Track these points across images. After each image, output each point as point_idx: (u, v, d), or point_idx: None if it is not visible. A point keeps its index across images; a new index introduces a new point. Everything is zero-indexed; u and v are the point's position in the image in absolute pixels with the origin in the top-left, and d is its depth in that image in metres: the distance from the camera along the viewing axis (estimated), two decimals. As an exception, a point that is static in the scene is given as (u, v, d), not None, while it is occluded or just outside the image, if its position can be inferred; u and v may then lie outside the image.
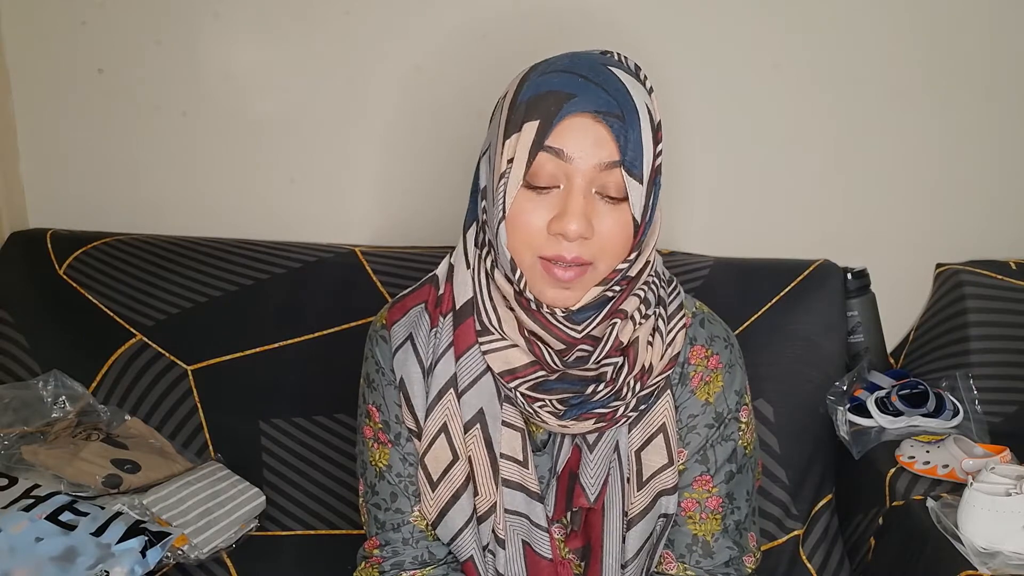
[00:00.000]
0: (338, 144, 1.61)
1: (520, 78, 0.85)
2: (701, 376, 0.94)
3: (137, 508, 1.21)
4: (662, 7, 1.52)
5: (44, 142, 1.66)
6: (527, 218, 0.81)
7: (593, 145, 0.79)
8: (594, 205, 0.81)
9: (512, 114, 0.82)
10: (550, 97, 0.80)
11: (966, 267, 1.55)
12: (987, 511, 1.09)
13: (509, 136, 0.82)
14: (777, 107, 1.57)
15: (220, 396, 1.45)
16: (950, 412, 1.41)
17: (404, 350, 0.94)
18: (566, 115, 0.79)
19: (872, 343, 1.54)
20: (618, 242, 0.82)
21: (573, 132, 0.79)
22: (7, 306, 1.52)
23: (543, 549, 0.93)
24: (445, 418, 0.91)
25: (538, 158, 0.80)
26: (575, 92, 0.79)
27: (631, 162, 0.80)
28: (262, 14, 1.56)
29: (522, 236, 0.82)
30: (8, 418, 1.37)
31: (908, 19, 1.53)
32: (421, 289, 0.96)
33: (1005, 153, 1.59)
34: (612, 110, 0.79)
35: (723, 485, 0.95)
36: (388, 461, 0.96)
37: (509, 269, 0.84)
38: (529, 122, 0.80)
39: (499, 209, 0.82)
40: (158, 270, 1.51)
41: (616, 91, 0.80)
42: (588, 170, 0.80)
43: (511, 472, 0.91)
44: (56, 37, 1.60)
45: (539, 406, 0.88)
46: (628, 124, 0.80)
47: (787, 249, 1.53)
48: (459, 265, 0.91)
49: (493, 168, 0.84)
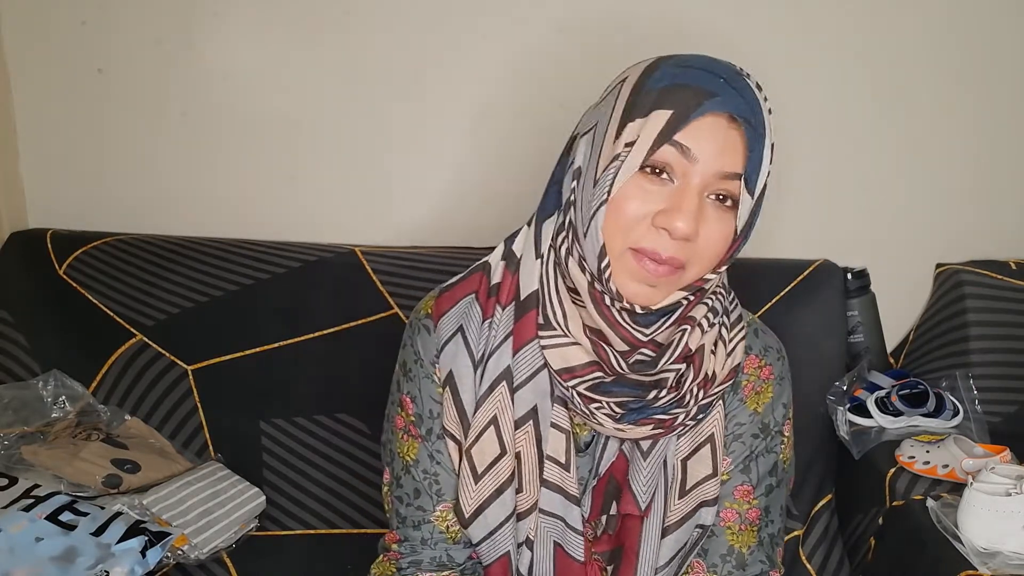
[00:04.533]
0: (338, 144, 1.61)
1: (648, 65, 0.81)
2: (753, 386, 0.93)
3: (137, 508, 1.21)
4: (661, 6, 1.52)
5: (44, 142, 1.65)
6: (633, 204, 0.78)
7: (721, 151, 0.77)
8: (704, 208, 0.79)
9: (638, 98, 0.79)
10: (689, 90, 0.77)
11: (966, 267, 1.55)
12: (987, 511, 1.09)
13: (632, 120, 0.78)
14: (777, 107, 1.56)
15: (220, 396, 1.45)
16: (950, 412, 1.41)
17: (454, 343, 0.91)
18: (705, 112, 0.76)
19: (872, 343, 1.54)
20: (716, 251, 0.81)
21: (705, 132, 0.77)
22: (7, 306, 1.52)
23: (576, 552, 0.92)
24: (496, 411, 0.88)
25: (662, 149, 0.77)
26: (717, 92, 0.77)
27: (750, 174, 0.79)
28: (262, 14, 1.56)
29: (622, 222, 0.79)
30: (8, 418, 1.36)
31: (908, 19, 1.53)
32: (471, 278, 0.93)
33: (1005, 153, 1.59)
34: (748, 117, 0.78)
35: (763, 498, 0.94)
36: (416, 456, 0.94)
37: (596, 255, 0.80)
38: (660, 110, 0.77)
39: (604, 191, 0.79)
40: (158, 270, 1.51)
41: (752, 100, 0.79)
42: (710, 173, 0.78)
43: (552, 474, 0.90)
44: (56, 37, 1.60)
45: (596, 407, 0.86)
46: (759, 136, 0.79)
47: (787, 249, 1.53)
48: (528, 254, 0.89)
49: (599, 150, 0.81)
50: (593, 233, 0.80)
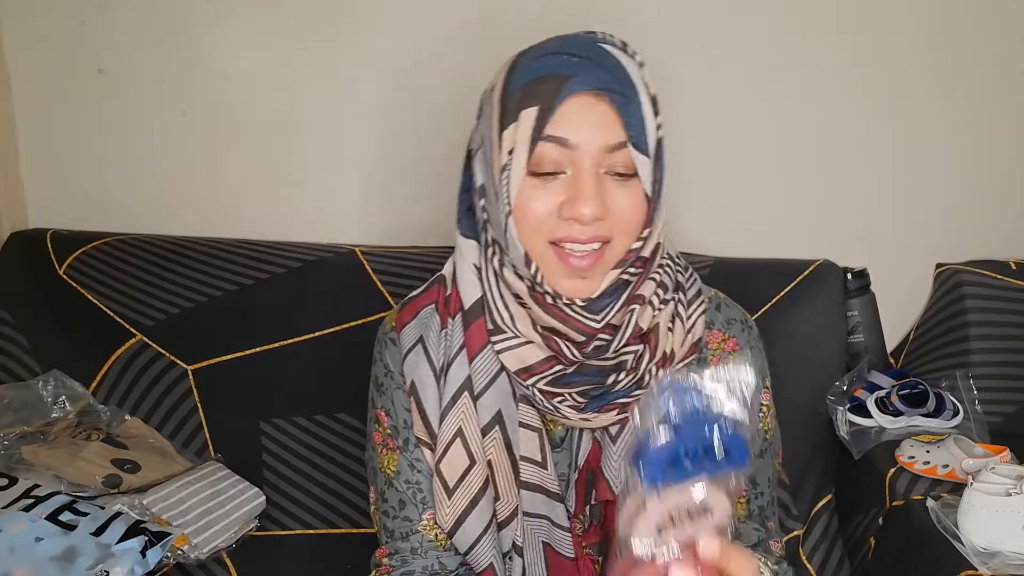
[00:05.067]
0: (338, 144, 1.61)
1: (508, 66, 0.83)
2: (719, 359, 0.93)
3: (137, 508, 1.21)
4: (663, 7, 1.53)
5: (44, 142, 1.66)
6: (535, 205, 0.79)
7: (597, 127, 0.78)
8: (604, 184, 0.79)
9: (507, 103, 0.80)
10: (546, 81, 0.78)
11: (966, 267, 1.55)
12: (987, 511, 1.09)
13: (506, 127, 0.80)
14: (777, 107, 1.57)
15: (220, 396, 1.45)
16: (950, 412, 1.41)
17: (415, 353, 0.92)
18: (566, 97, 0.77)
19: (872, 343, 1.54)
20: (633, 219, 0.81)
21: (574, 115, 0.77)
22: (7, 306, 1.52)
23: (565, 549, 0.92)
24: (461, 422, 0.88)
25: (541, 147, 0.78)
26: (571, 73, 0.77)
27: (636, 138, 0.79)
28: (262, 14, 1.56)
29: (531, 224, 0.80)
30: (8, 418, 1.37)
31: (909, 19, 1.53)
32: (430, 289, 0.94)
33: (1005, 153, 1.59)
34: (612, 86, 0.78)
35: None
36: (396, 467, 0.94)
37: (523, 263, 0.81)
38: (526, 109, 0.78)
39: (504, 203, 0.80)
40: (158, 270, 1.51)
41: (612, 67, 0.79)
42: (595, 152, 0.78)
43: (530, 474, 0.89)
44: (56, 37, 1.60)
45: (559, 401, 0.86)
46: (629, 99, 0.78)
47: (787, 249, 1.53)
48: (461, 266, 0.90)
49: (491, 164, 0.82)
50: (512, 244, 0.81)
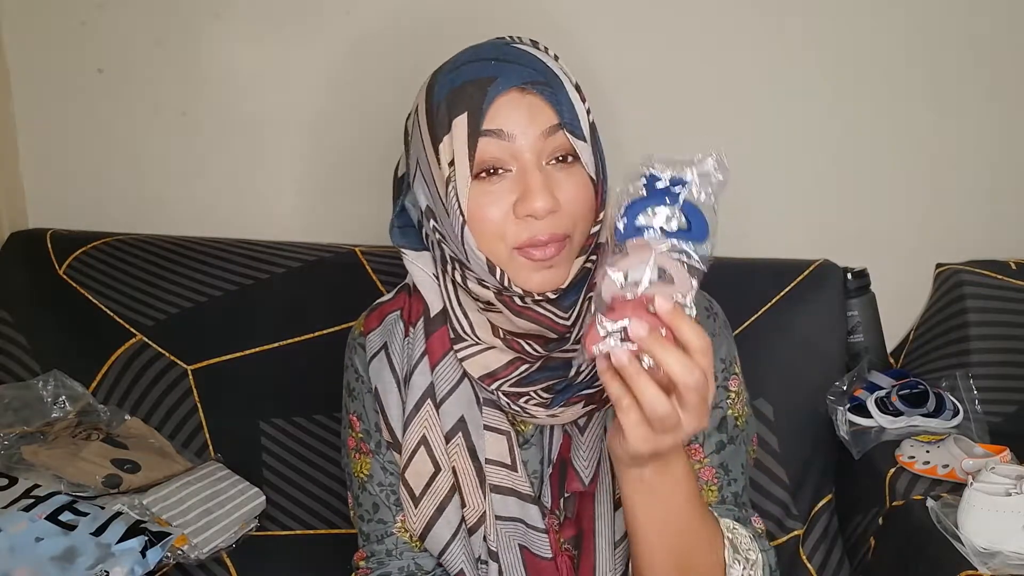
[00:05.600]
0: (338, 144, 1.61)
1: (427, 86, 0.83)
2: None
3: (137, 508, 1.21)
4: (663, 8, 1.53)
5: (44, 142, 1.66)
6: (489, 211, 0.78)
7: (530, 117, 0.78)
8: (551, 177, 0.79)
9: (434, 119, 0.80)
10: (470, 87, 0.78)
11: (966, 267, 1.55)
12: (987, 511, 1.09)
13: (440, 140, 0.79)
14: (777, 107, 1.57)
15: (220, 396, 1.45)
16: (950, 412, 1.40)
17: (379, 359, 0.92)
18: (494, 97, 0.77)
19: (872, 343, 1.54)
20: (584, 205, 0.80)
21: (506, 110, 0.77)
22: (7, 306, 1.52)
23: (542, 550, 0.91)
24: (424, 430, 0.89)
25: (480, 145, 0.77)
26: (494, 74, 0.78)
27: (570, 123, 0.79)
28: (262, 14, 1.56)
29: (490, 231, 0.79)
30: (8, 418, 1.37)
31: (909, 19, 1.53)
32: (397, 296, 0.95)
33: (1005, 153, 1.59)
34: (536, 79, 0.78)
35: (714, 455, 0.91)
36: (369, 471, 0.94)
37: (486, 272, 0.80)
38: (457, 117, 0.78)
39: (456, 215, 0.79)
40: (158, 270, 1.51)
41: (531, 63, 0.80)
42: (533, 142, 0.78)
43: (500, 477, 0.89)
44: (56, 37, 1.60)
45: (524, 401, 0.86)
46: (555, 89, 0.79)
47: (787, 249, 1.53)
48: (419, 276, 0.90)
49: (433, 182, 0.82)
50: (472, 254, 0.80)
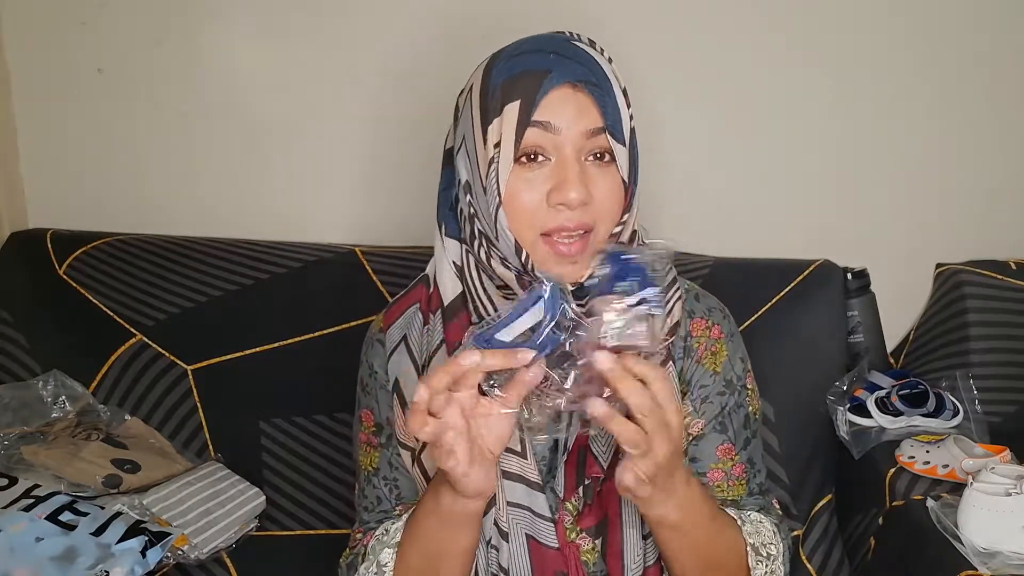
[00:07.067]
0: (339, 143, 1.61)
1: (485, 67, 0.87)
2: (705, 346, 0.96)
3: (137, 508, 1.21)
4: (662, 9, 1.53)
5: (44, 142, 1.66)
6: (525, 196, 0.83)
7: (577, 113, 0.82)
8: (587, 171, 0.83)
9: (488, 101, 0.84)
10: (527, 76, 0.82)
11: (966, 267, 1.55)
12: (987, 511, 1.09)
13: (490, 122, 0.83)
14: (778, 107, 1.57)
15: (220, 396, 1.45)
16: (950, 412, 1.40)
17: (399, 352, 0.95)
18: (548, 89, 0.81)
19: (872, 343, 1.54)
20: (613, 203, 0.85)
21: (557, 104, 0.82)
22: (7, 306, 1.52)
23: (548, 539, 0.92)
24: None
25: (527, 134, 0.82)
26: (550, 68, 0.82)
27: (613, 126, 0.83)
28: (262, 14, 1.56)
29: (523, 214, 0.83)
30: (8, 418, 1.37)
31: (909, 19, 1.53)
32: (415, 289, 0.98)
33: (1005, 153, 1.59)
34: (588, 79, 0.83)
35: (743, 452, 0.96)
36: (376, 464, 0.97)
37: (512, 252, 0.84)
38: (510, 103, 0.82)
39: (494, 195, 0.83)
40: (158, 270, 1.51)
41: (587, 62, 0.84)
42: (576, 138, 0.82)
43: (510, 464, 0.91)
44: (56, 37, 1.60)
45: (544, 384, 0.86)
46: (605, 91, 0.84)
47: (787, 249, 1.53)
48: (442, 264, 0.92)
49: (475, 159, 0.86)
50: (503, 234, 0.84)
